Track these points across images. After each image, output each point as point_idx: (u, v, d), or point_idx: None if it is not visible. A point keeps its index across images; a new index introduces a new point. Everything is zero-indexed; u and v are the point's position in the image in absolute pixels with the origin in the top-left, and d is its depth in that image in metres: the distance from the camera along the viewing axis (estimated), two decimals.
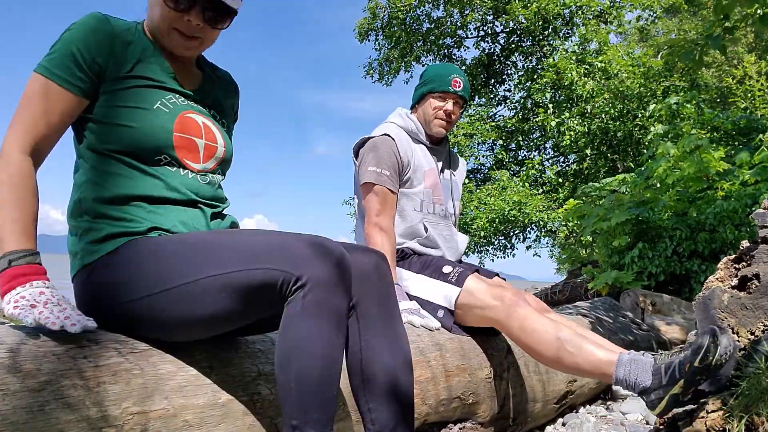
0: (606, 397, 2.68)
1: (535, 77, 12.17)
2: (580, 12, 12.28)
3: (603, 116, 10.51)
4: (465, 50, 17.17)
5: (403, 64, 14.58)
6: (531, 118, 12.87)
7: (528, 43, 13.54)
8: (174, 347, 1.14)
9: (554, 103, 11.52)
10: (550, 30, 12.63)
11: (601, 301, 3.33)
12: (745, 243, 1.65)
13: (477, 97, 14.61)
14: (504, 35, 14.08)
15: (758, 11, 3.26)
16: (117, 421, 0.96)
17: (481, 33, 14.22)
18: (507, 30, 13.71)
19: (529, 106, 13.07)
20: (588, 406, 2.52)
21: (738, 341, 1.45)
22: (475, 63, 14.36)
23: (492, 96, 14.76)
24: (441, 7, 13.75)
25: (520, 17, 12.31)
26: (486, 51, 14.37)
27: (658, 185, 5.23)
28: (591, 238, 8.05)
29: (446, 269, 1.99)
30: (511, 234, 12.78)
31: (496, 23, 13.78)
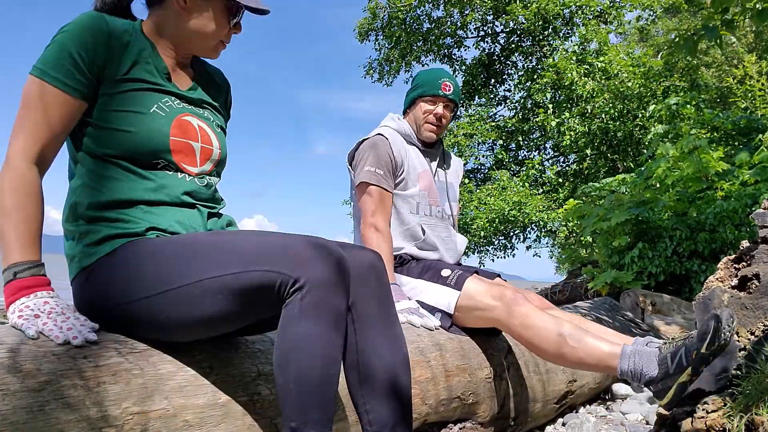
0: (606, 397, 2.68)
1: (535, 77, 12.16)
2: (580, 12, 12.27)
3: (603, 116, 10.50)
4: (465, 50, 17.17)
5: (404, 64, 14.57)
6: (531, 118, 12.86)
7: (528, 43, 13.53)
8: (174, 347, 1.14)
9: (554, 103, 11.52)
10: (550, 30, 12.61)
11: (601, 301, 3.33)
12: (745, 243, 1.65)
13: (477, 97, 14.60)
14: (504, 35, 14.07)
15: (757, 5, 3.24)
16: (117, 421, 0.96)
17: (481, 33, 14.21)
18: (507, 30, 13.70)
19: (529, 106, 13.06)
20: (588, 406, 2.52)
21: (738, 341, 1.45)
22: (475, 63, 14.35)
23: (492, 96, 14.74)
24: (441, 7, 13.73)
25: (520, 17, 12.30)
26: (486, 51, 14.36)
27: (658, 185, 5.23)
28: (591, 238, 8.05)
29: (445, 273, 1.98)
30: (511, 234, 12.78)
31: (496, 23, 13.77)
